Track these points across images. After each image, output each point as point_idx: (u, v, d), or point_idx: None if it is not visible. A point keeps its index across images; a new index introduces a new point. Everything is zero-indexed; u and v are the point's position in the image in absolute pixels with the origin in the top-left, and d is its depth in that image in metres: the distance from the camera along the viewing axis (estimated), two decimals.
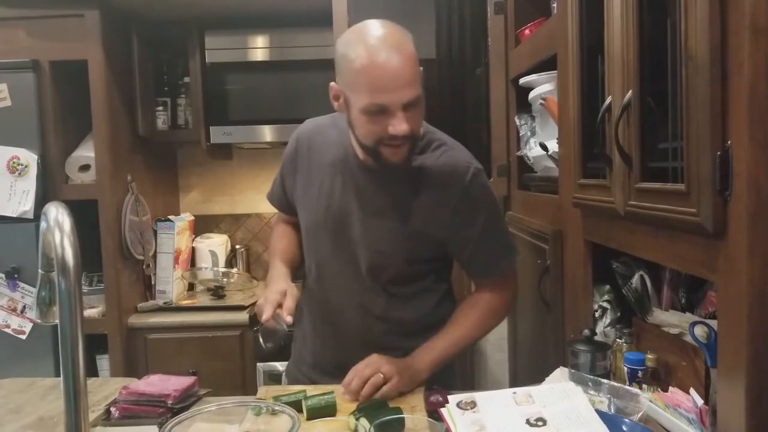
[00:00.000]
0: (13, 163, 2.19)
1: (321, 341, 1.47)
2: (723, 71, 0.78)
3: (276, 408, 1.09)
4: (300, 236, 1.47)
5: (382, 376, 1.22)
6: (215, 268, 2.71)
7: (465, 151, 1.34)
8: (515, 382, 2.21)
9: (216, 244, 2.77)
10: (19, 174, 2.19)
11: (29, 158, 2.20)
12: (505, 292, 1.40)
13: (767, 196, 0.74)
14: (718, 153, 0.78)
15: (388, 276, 1.34)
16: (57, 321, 0.85)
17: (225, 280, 2.64)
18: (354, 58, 1.14)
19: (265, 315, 1.22)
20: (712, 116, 0.79)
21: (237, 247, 2.84)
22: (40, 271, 0.93)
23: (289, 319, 1.23)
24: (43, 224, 0.85)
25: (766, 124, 0.74)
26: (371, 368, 1.23)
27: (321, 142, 1.39)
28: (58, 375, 2.20)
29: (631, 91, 1.01)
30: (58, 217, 0.83)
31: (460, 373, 2.37)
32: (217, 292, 2.58)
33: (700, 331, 1.01)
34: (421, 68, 1.21)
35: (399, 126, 1.15)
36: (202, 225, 2.87)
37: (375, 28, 1.17)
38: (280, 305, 1.25)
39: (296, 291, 1.30)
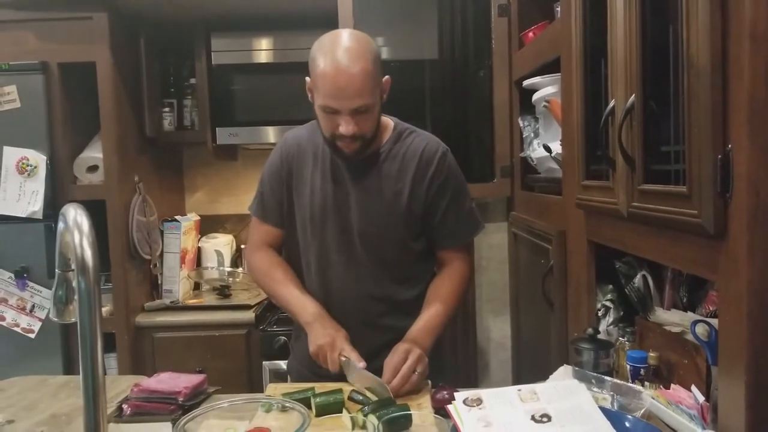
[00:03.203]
0: (23, 164, 2.21)
1: None
2: (724, 77, 0.80)
3: (286, 405, 1.12)
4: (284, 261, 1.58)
5: (416, 370, 1.31)
6: (221, 268, 2.73)
7: (432, 136, 1.53)
8: (519, 380, 2.24)
9: (221, 243, 2.80)
10: (29, 175, 2.22)
11: (38, 159, 2.22)
12: (468, 261, 1.57)
13: (766, 198, 0.76)
14: (719, 156, 0.80)
15: (383, 255, 1.47)
16: (74, 319, 0.87)
17: (230, 279, 2.66)
18: (318, 63, 1.32)
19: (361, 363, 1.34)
20: (713, 121, 0.81)
21: (242, 246, 2.86)
22: (57, 270, 0.95)
23: (362, 364, 1.33)
24: (61, 225, 0.88)
25: (766, 129, 0.76)
26: (410, 361, 1.32)
27: (305, 148, 1.52)
28: (66, 373, 2.24)
29: (634, 95, 1.03)
30: (77, 218, 0.85)
31: (464, 372, 2.41)
32: (223, 291, 2.61)
33: (701, 329, 1.03)
34: (388, 77, 1.42)
35: (346, 127, 1.34)
36: (208, 225, 2.90)
37: (341, 40, 1.33)
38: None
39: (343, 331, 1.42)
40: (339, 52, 1.30)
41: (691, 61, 0.85)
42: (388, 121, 1.52)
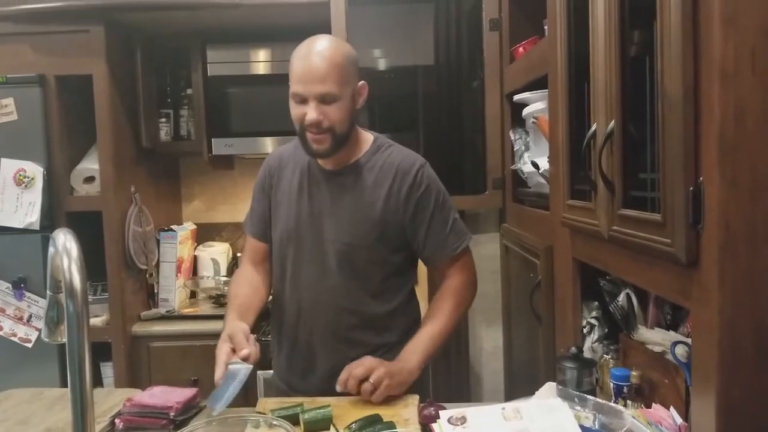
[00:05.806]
0: (20, 175, 2.24)
1: (291, 343, 1.56)
2: (696, 111, 0.82)
3: (274, 422, 1.14)
4: (261, 278, 1.59)
5: (380, 374, 1.31)
6: (217, 277, 2.75)
7: (411, 150, 1.54)
8: (510, 390, 2.25)
9: (218, 252, 2.81)
10: (26, 186, 2.24)
11: (35, 171, 2.24)
12: (467, 276, 1.54)
13: (736, 230, 0.78)
14: (691, 188, 0.82)
15: (355, 267, 1.46)
16: (64, 340, 0.89)
17: (226, 288, 2.67)
18: (293, 58, 1.40)
19: (217, 375, 1.34)
20: (685, 153, 0.83)
21: (238, 255, 2.87)
22: (48, 292, 0.98)
23: (244, 352, 1.32)
24: (51, 249, 0.90)
25: (735, 163, 0.78)
26: (363, 367, 1.33)
27: (287, 162, 1.56)
28: (63, 383, 2.26)
29: (614, 121, 1.05)
30: (66, 243, 0.88)
31: (456, 382, 2.43)
32: (219, 300, 2.62)
33: (681, 350, 1.05)
34: (364, 82, 1.46)
35: (310, 113, 1.36)
36: (204, 233, 2.91)
37: (317, 38, 1.41)
38: (233, 350, 1.36)
39: (243, 325, 1.39)
40: (312, 44, 1.39)
41: (665, 93, 0.87)
42: (369, 135, 1.53)
